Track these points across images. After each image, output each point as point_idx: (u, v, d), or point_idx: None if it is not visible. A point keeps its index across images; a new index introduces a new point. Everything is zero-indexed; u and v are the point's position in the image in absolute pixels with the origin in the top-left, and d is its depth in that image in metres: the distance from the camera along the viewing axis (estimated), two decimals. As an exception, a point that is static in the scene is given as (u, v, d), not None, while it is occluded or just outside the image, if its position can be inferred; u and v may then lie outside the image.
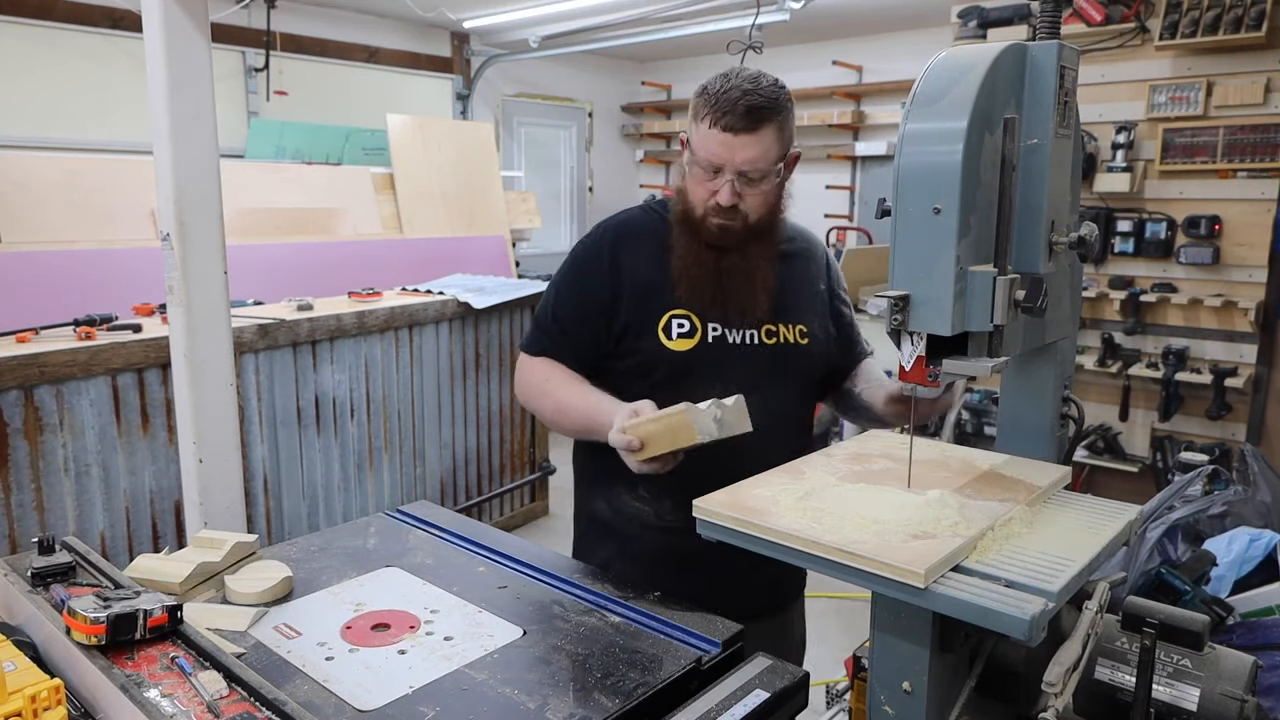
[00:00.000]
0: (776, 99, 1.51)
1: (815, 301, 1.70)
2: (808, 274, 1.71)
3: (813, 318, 1.68)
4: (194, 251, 2.10)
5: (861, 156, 7.10)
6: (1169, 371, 3.85)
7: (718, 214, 1.54)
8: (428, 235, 5.32)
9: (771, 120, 1.49)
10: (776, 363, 1.62)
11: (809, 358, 1.65)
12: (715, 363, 1.59)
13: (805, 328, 1.65)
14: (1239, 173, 3.70)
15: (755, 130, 1.48)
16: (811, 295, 1.70)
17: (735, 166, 1.49)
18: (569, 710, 1.03)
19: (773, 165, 1.51)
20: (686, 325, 1.60)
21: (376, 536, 1.57)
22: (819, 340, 1.68)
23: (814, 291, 1.71)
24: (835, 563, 0.99)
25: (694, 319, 1.60)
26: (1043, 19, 1.15)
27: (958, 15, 4.20)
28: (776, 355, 1.62)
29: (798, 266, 1.69)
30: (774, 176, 1.53)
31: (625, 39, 6.37)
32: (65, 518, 2.65)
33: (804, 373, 1.67)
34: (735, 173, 1.50)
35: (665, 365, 1.60)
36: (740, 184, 1.51)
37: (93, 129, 5.20)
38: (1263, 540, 2.01)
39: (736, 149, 1.48)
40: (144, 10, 1.98)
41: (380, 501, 3.72)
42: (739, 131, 1.47)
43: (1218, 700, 1.04)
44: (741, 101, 1.47)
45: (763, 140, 1.49)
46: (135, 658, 1.04)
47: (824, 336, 1.69)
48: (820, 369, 1.71)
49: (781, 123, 1.51)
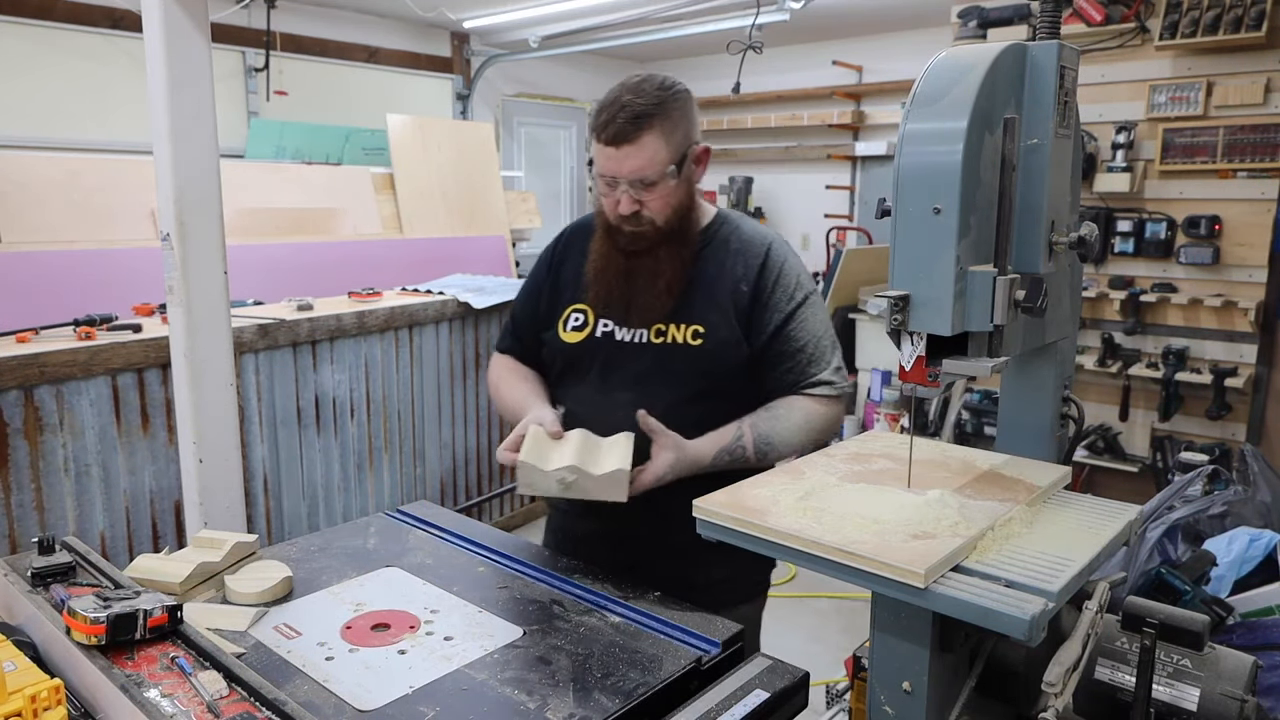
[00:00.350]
0: (659, 103, 1.51)
1: (723, 301, 1.60)
2: (724, 273, 1.62)
3: (716, 318, 1.59)
4: (194, 251, 2.10)
5: (861, 156, 7.10)
6: (1169, 371, 3.85)
7: (624, 222, 1.56)
8: (428, 235, 5.32)
9: (652, 126, 1.49)
10: (660, 362, 1.59)
11: (699, 359, 1.58)
12: (601, 357, 1.63)
13: (701, 328, 1.58)
14: (1239, 173, 3.70)
15: (636, 140, 1.49)
16: (722, 295, 1.61)
17: (625, 177, 1.51)
18: (569, 710, 1.03)
19: (663, 169, 1.51)
20: (580, 319, 1.66)
21: (376, 536, 1.57)
22: (717, 342, 1.58)
23: (726, 290, 1.61)
24: (835, 563, 0.99)
25: (589, 314, 1.65)
26: (1043, 19, 1.15)
27: (958, 15, 4.20)
28: (661, 355, 1.59)
29: (714, 265, 1.63)
30: (670, 179, 1.53)
31: (625, 39, 6.36)
32: (65, 518, 2.65)
33: (692, 374, 1.59)
34: (628, 183, 1.52)
35: (560, 356, 1.69)
36: (636, 191, 1.52)
37: (93, 129, 5.20)
38: (1263, 540, 2.01)
39: (622, 160, 1.50)
40: (144, 10, 1.98)
41: (380, 501, 3.72)
42: (620, 143, 1.49)
43: (1218, 700, 1.04)
44: (620, 114, 1.49)
45: (645, 148, 1.49)
46: (135, 658, 1.04)
47: (727, 338, 1.59)
48: (721, 371, 1.59)
49: (668, 125, 1.51)
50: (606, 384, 1.62)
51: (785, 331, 1.60)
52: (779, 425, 1.56)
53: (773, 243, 1.67)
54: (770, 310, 1.60)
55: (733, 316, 1.60)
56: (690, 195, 1.60)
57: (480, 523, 1.68)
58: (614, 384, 1.61)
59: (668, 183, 1.53)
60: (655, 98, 1.51)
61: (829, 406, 1.62)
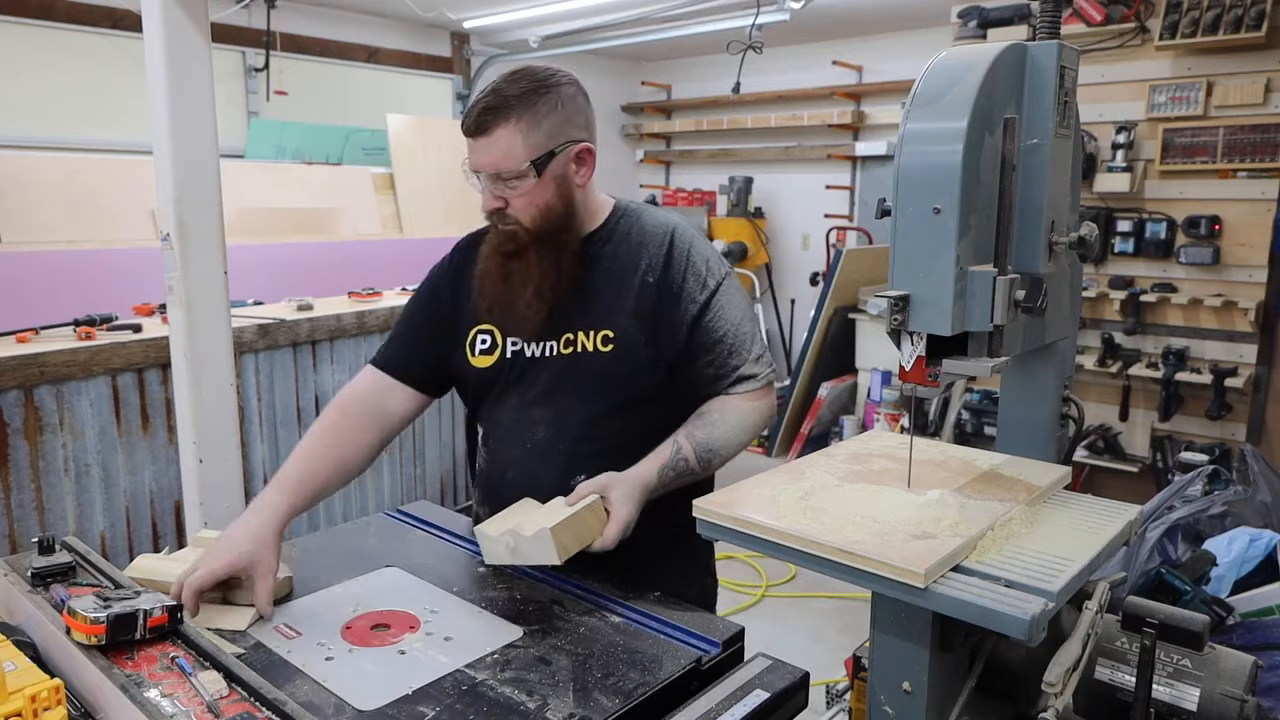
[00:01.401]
0: (523, 94, 1.42)
1: (628, 298, 1.50)
2: (627, 269, 1.52)
3: (623, 319, 1.50)
4: (194, 251, 2.10)
5: (861, 156, 7.09)
6: (1169, 371, 3.85)
7: (492, 218, 1.49)
8: (428, 235, 5.32)
9: (508, 120, 1.40)
10: (572, 374, 1.51)
11: (611, 364, 1.49)
12: (515, 379, 1.55)
13: (610, 332, 1.49)
14: (1239, 173, 3.70)
15: (490, 131, 1.41)
16: (626, 293, 1.51)
17: (484, 169, 1.44)
18: (569, 710, 1.03)
19: (519, 165, 1.41)
20: (488, 341, 1.57)
21: (376, 536, 1.57)
22: (628, 344, 1.49)
23: (631, 288, 1.51)
24: (835, 563, 0.99)
25: (495, 334, 1.56)
26: (1043, 19, 1.15)
27: (958, 15, 4.20)
28: (572, 365, 1.51)
29: (616, 262, 1.53)
30: (530, 177, 1.43)
31: (625, 39, 6.36)
32: (65, 518, 2.64)
33: (607, 382, 1.50)
34: (487, 177, 1.44)
35: (472, 382, 1.60)
36: (498, 187, 1.44)
37: (93, 129, 5.19)
38: (1263, 540, 2.01)
39: (479, 153, 1.43)
40: (144, 10, 1.98)
41: (380, 501, 3.72)
42: (476, 135, 1.42)
43: (1218, 700, 1.04)
44: (479, 103, 1.42)
45: (499, 142, 1.41)
46: (135, 658, 1.04)
47: (638, 339, 1.49)
48: (637, 374, 1.50)
49: (530, 119, 1.41)
50: (521, 401, 1.54)
51: (702, 323, 1.50)
52: (716, 431, 1.47)
53: (675, 228, 1.56)
54: (684, 301, 1.50)
55: (643, 313, 1.50)
56: (562, 196, 1.48)
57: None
58: (529, 401, 1.54)
59: (528, 180, 1.43)
60: (522, 88, 1.42)
61: (760, 400, 1.53)
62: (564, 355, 1.51)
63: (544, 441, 1.52)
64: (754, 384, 1.52)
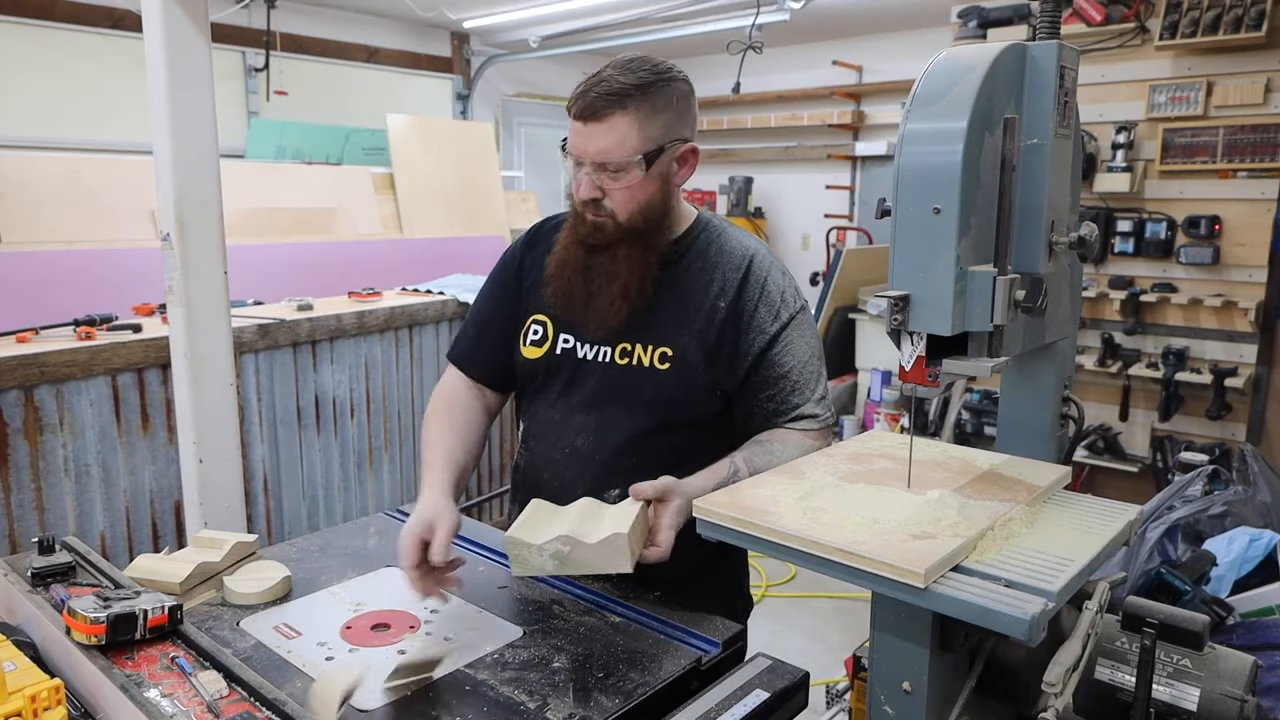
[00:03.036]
0: (642, 84, 1.37)
1: (697, 321, 1.46)
2: (700, 287, 1.48)
3: (686, 340, 1.45)
4: (194, 251, 2.10)
5: (861, 156, 7.10)
6: (1169, 371, 3.85)
7: (585, 208, 1.43)
8: (428, 235, 5.32)
9: (626, 107, 1.36)
10: (623, 386, 1.46)
11: (665, 385, 1.44)
12: (562, 375, 1.51)
13: (669, 350, 1.44)
14: (1239, 173, 3.70)
15: (605, 118, 1.36)
16: (694, 314, 1.46)
17: (590, 157, 1.38)
18: (569, 710, 1.03)
19: (630, 156, 1.37)
20: (540, 332, 1.53)
21: (376, 536, 1.57)
22: (685, 367, 1.44)
23: (702, 308, 1.47)
24: (835, 563, 0.99)
25: (548, 326, 1.53)
26: (1043, 19, 1.15)
27: (958, 15, 4.20)
28: (625, 378, 1.46)
29: (689, 278, 1.49)
30: (636, 170, 1.38)
31: (625, 39, 6.36)
32: (65, 518, 2.64)
33: (658, 401, 1.45)
34: (591, 165, 1.38)
35: (522, 372, 1.57)
36: (599, 177, 1.39)
37: (93, 129, 5.20)
38: (1263, 540, 2.01)
39: (589, 139, 1.37)
40: (144, 10, 1.98)
41: (380, 501, 3.72)
42: (588, 120, 1.37)
43: (1218, 700, 1.04)
44: (596, 89, 1.36)
45: (615, 129, 1.36)
46: (135, 658, 1.04)
47: (697, 363, 1.45)
48: (690, 399, 1.46)
49: (646, 109, 1.37)
50: (567, 404, 1.50)
51: (769, 356, 1.46)
52: (774, 461, 1.38)
53: (755, 253, 1.51)
54: (752, 332, 1.46)
55: (707, 338, 1.45)
56: (663, 195, 1.44)
57: (480, 523, 1.68)
58: (574, 405, 1.49)
59: (634, 173, 1.38)
60: (641, 78, 1.37)
61: (817, 440, 1.47)
62: (618, 365, 1.47)
63: (583, 449, 1.48)
64: (813, 424, 1.47)
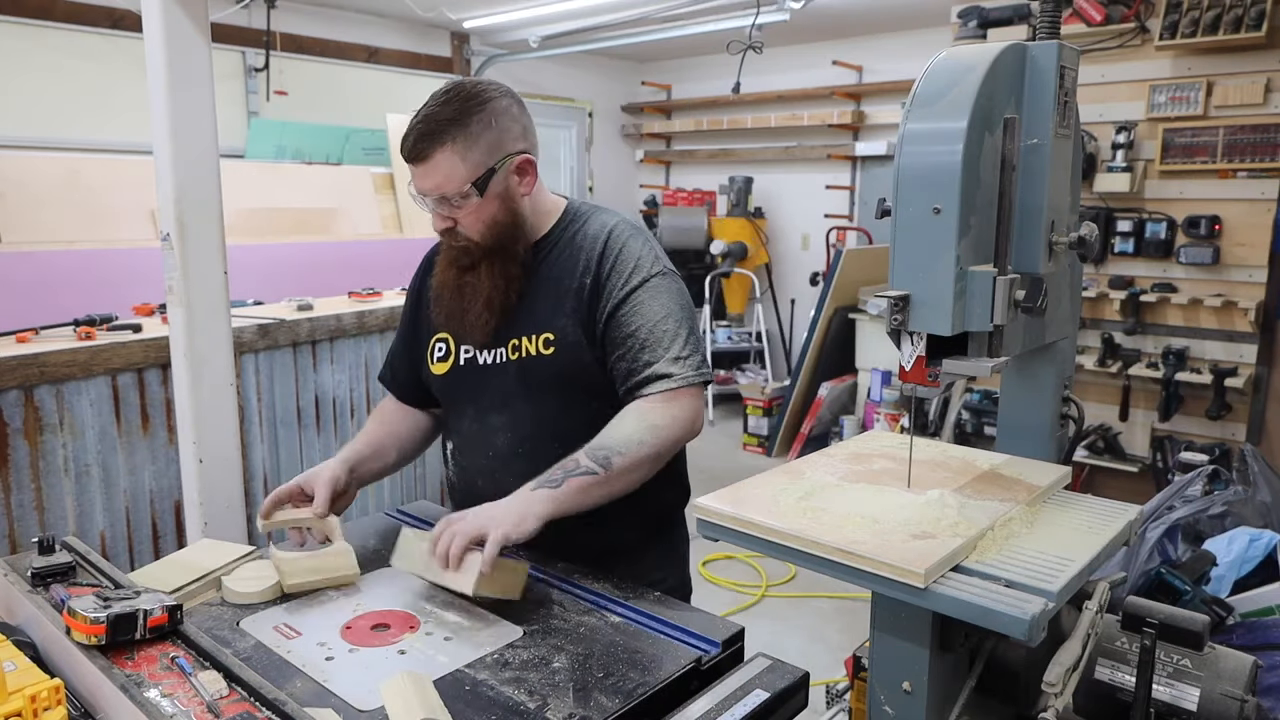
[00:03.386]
0: (456, 117, 1.42)
1: (567, 300, 1.52)
2: (566, 272, 1.53)
3: (563, 321, 1.51)
4: (194, 251, 2.10)
5: (861, 156, 7.10)
6: (1169, 371, 3.85)
7: (444, 236, 1.54)
8: (428, 235, 5.29)
9: (445, 143, 1.41)
10: (522, 379, 1.53)
11: (553, 367, 1.51)
12: (470, 385, 1.58)
13: (551, 335, 1.51)
14: (1239, 173, 3.70)
15: (429, 157, 1.42)
16: (564, 295, 1.52)
17: (429, 194, 1.46)
18: (569, 710, 1.03)
19: (461, 188, 1.43)
20: (444, 348, 1.62)
21: (376, 536, 1.57)
22: (567, 346, 1.50)
23: (570, 289, 1.52)
24: (835, 563, 0.99)
25: (450, 342, 1.61)
26: (1043, 19, 1.15)
27: (958, 15, 4.20)
28: (521, 370, 1.53)
29: (558, 266, 1.55)
30: (473, 196, 1.44)
31: (625, 39, 6.36)
32: (65, 518, 2.64)
33: (553, 385, 1.51)
34: (433, 200, 1.46)
35: (436, 390, 1.66)
36: (443, 208, 1.47)
37: (93, 129, 5.19)
38: (1263, 540, 2.01)
39: (422, 178, 1.45)
40: (144, 10, 1.97)
41: (380, 501, 3.72)
42: (416, 162, 1.44)
43: (1218, 700, 1.04)
44: (415, 130, 1.43)
45: (440, 166, 1.42)
46: (135, 658, 1.04)
47: (576, 340, 1.50)
48: (580, 375, 1.51)
49: (466, 140, 1.42)
50: (479, 410, 1.58)
51: (617, 317, 1.48)
52: (611, 432, 1.41)
53: (614, 226, 1.55)
54: (603, 295, 1.49)
55: (580, 314, 1.50)
56: (509, 210, 1.49)
57: (480, 523, 1.68)
58: (485, 409, 1.57)
59: (472, 200, 1.45)
60: (455, 110, 1.42)
61: (674, 401, 1.44)
62: (512, 361, 1.54)
63: (505, 448, 1.55)
64: (669, 383, 1.44)
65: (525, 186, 1.52)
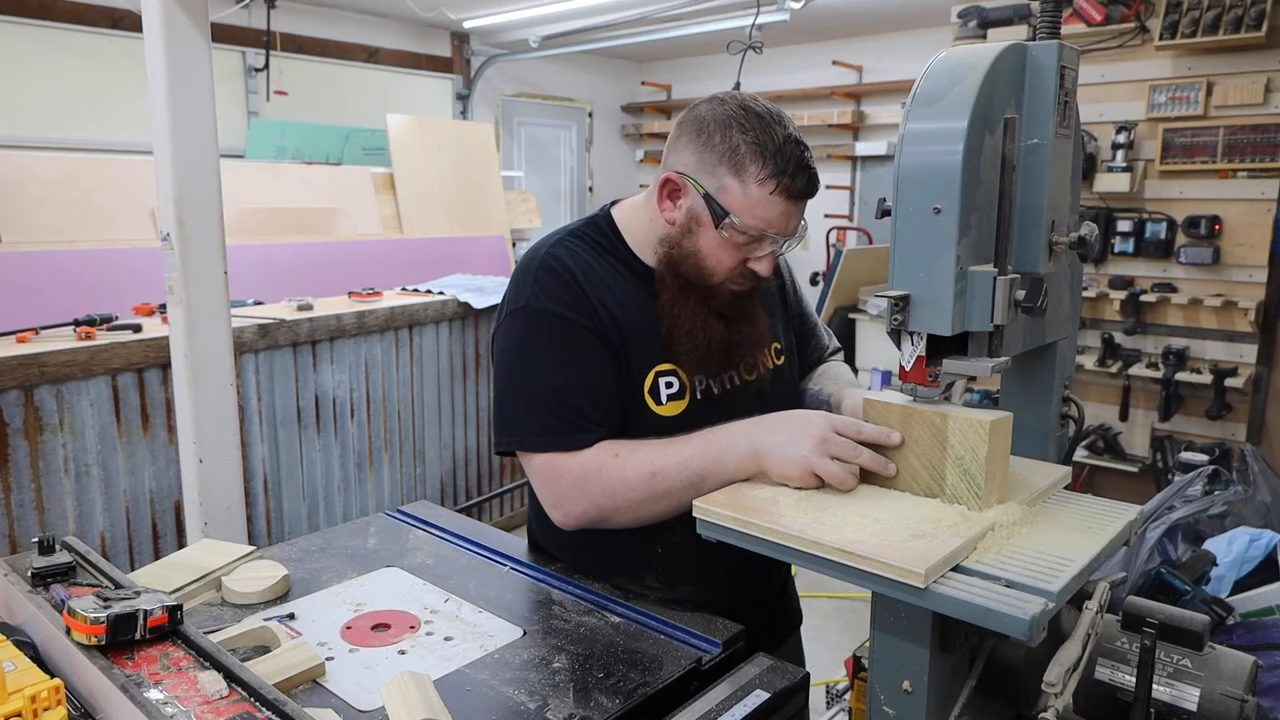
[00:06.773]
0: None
1: (776, 306, 1.52)
2: (771, 282, 1.51)
3: (779, 326, 1.51)
4: (194, 251, 2.10)
5: (861, 156, 7.10)
6: (1169, 371, 3.85)
7: (741, 281, 1.29)
8: (428, 235, 5.32)
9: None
10: (765, 395, 1.43)
11: (790, 371, 1.51)
12: (706, 420, 1.27)
13: (780, 344, 1.49)
14: (1239, 173, 3.70)
15: (814, 195, 1.27)
16: (775, 302, 1.52)
17: (788, 235, 1.26)
18: (569, 710, 1.03)
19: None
20: (674, 385, 1.33)
21: (376, 536, 1.57)
22: (789, 347, 1.53)
23: (774, 295, 1.53)
24: (835, 563, 0.99)
25: (681, 376, 1.33)
26: (1043, 19, 1.15)
27: (958, 15, 4.20)
28: (764, 388, 1.45)
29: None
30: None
31: (625, 39, 6.37)
32: (65, 518, 2.64)
33: (794, 389, 1.53)
34: (785, 239, 1.26)
35: (654, 431, 1.30)
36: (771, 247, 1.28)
37: (93, 129, 5.20)
38: (1263, 540, 2.01)
39: (795, 217, 1.25)
40: (144, 10, 1.98)
41: (380, 501, 3.72)
42: (799, 199, 1.24)
43: (1218, 700, 1.04)
44: (804, 163, 1.22)
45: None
46: (135, 658, 1.03)
47: (790, 341, 1.54)
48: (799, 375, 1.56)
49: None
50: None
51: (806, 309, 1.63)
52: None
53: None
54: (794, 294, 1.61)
55: (784, 313, 1.54)
56: None
57: (480, 523, 1.68)
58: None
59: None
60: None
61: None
62: (749, 381, 1.41)
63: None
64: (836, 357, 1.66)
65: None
